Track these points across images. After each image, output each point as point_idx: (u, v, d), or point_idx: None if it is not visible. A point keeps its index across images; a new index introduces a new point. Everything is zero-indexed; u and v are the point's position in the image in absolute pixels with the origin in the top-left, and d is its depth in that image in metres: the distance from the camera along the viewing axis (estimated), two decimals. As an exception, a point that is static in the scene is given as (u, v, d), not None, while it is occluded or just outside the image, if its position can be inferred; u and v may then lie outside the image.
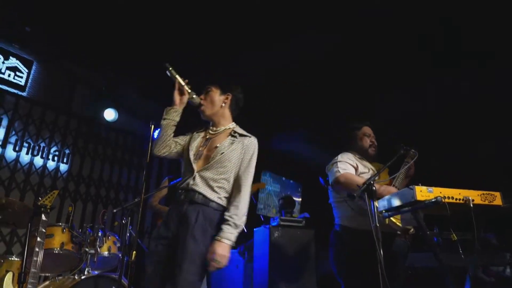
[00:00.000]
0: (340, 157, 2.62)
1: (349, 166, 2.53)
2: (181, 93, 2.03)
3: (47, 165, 4.77)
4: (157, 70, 2.13)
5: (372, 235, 1.78)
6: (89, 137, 5.27)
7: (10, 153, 4.48)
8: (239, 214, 1.82)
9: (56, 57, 4.95)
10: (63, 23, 4.26)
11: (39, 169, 4.69)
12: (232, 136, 2.00)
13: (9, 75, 4.56)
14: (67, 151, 5.00)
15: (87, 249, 3.04)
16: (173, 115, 2.00)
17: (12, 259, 2.75)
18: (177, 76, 2.02)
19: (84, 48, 4.65)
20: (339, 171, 2.46)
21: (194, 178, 1.86)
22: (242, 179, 1.90)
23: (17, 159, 4.52)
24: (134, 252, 1.90)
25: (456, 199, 1.75)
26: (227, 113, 2.11)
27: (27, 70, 4.73)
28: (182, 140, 2.10)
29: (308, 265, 4.04)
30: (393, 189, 2.33)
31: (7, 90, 4.54)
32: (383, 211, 1.98)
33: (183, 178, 1.93)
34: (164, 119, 2.01)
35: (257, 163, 2.03)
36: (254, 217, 6.66)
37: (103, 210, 4.10)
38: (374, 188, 1.87)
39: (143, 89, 5.21)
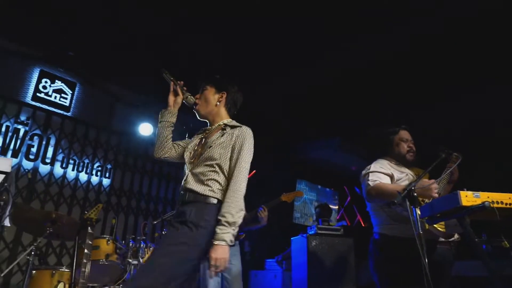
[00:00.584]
0: (372, 166, 2.52)
1: (381, 176, 2.43)
2: (175, 94, 2.04)
3: (91, 180, 5.00)
4: (191, 85, 2.15)
5: (414, 243, 1.70)
6: (129, 152, 5.48)
7: (58, 170, 4.74)
8: (231, 211, 1.66)
9: (96, 78, 5.23)
10: (102, 47, 4.51)
11: (84, 184, 4.92)
12: (222, 129, 1.92)
13: (55, 97, 4.85)
14: (109, 166, 5.22)
15: (130, 260, 3.13)
16: (167, 117, 2.02)
17: (63, 270, 2.88)
18: (172, 78, 2.05)
19: (121, 68, 4.89)
20: (369, 184, 2.37)
21: (186, 177, 1.83)
22: (234, 172, 1.76)
23: (64, 175, 4.77)
24: None
25: (506, 203, 1.65)
26: (222, 111, 2.02)
27: (71, 92, 5.02)
28: (184, 143, 2.07)
29: (348, 274, 3.94)
30: (428, 182, 2.21)
31: (54, 111, 4.83)
32: (425, 218, 1.90)
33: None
34: (160, 121, 2.03)
35: (293, 171, 1.99)
36: (291, 226, 6.61)
37: (144, 222, 4.23)
38: (415, 194, 1.80)
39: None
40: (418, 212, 1.88)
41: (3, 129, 4.36)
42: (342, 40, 4.06)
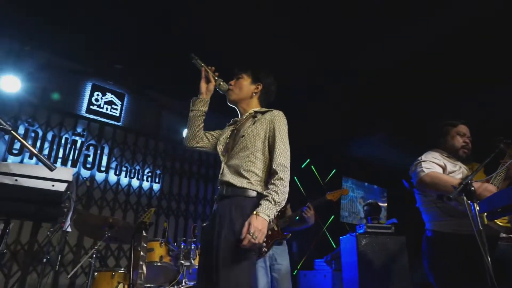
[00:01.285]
0: (424, 156, 2.42)
1: (434, 165, 2.32)
2: (207, 81, 1.95)
3: (143, 185, 5.23)
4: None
5: (471, 239, 1.59)
6: (176, 157, 5.67)
7: (112, 177, 5.01)
8: (278, 190, 1.58)
9: (143, 88, 5.47)
10: (147, 59, 4.72)
11: (136, 190, 5.17)
12: (253, 117, 1.85)
13: (106, 109, 5.14)
14: (158, 172, 5.44)
15: (182, 262, 3.23)
16: (199, 105, 1.94)
17: (121, 271, 3.04)
18: (203, 64, 1.96)
19: (166, 78, 5.08)
20: (423, 171, 2.26)
21: (222, 170, 1.77)
22: (275, 155, 1.67)
23: (118, 182, 5.04)
24: None
25: None
26: (254, 101, 1.95)
27: (120, 103, 5.29)
28: (217, 133, 2.02)
29: (402, 274, 3.78)
30: (492, 188, 2.08)
31: (106, 122, 5.12)
32: (485, 214, 1.77)
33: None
34: (191, 110, 1.95)
35: (338, 169, 1.94)
36: (338, 225, 6.48)
37: (194, 224, 4.35)
38: (473, 188, 1.68)
39: (219, 105, 5.49)
40: (477, 207, 1.76)
41: (63, 141, 4.70)
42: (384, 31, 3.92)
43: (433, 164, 2.33)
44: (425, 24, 3.79)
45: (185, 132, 5.59)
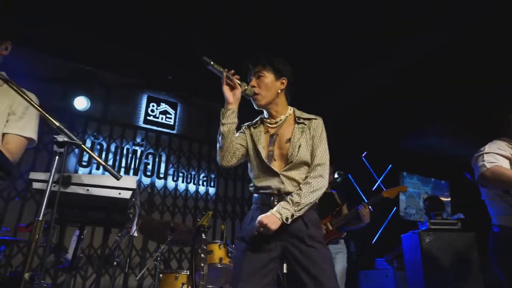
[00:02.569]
0: (487, 147, 2.25)
1: (498, 158, 2.16)
2: (232, 87, 1.72)
3: (199, 190, 5.41)
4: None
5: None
6: (229, 161, 5.78)
7: (170, 183, 5.25)
8: (301, 194, 1.60)
9: (193, 96, 5.67)
10: (195, 69, 4.88)
11: (193, 194, 5.35)
12: (298, 122, 1.76)
13: (162, 118, 5.40)
14: (212, 176, 5.59)
15: (241, 263, 3.28)
16: (232, 117, 1.71)
17: (184, 273, 3.15)
18: (221, 69, 1.71)
19: (213, 85, 5.20)
20: (484, 165, 2.13)
21: (282, 182, 1.67)
22: (317, 168, 1.67)
23: (176, 188, 5.26)
24: (285, 264, 1.93)
25: None
26: (283, 100, 1.81)
27: (174, 111, 5.53)
28: (242, 139, 1.83)
29: (472, 272, 3.52)
30: None
31: (161, 131, 5.38)
32: None
33: (261, 181, 1.74)
34: (224, 124, 1.70)
35: (394, 164, 1.84)
36: (397, 223, 6.20)
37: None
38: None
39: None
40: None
41: (125, 151, 5.01)
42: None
43: (496, 156, 2.17)
44: None
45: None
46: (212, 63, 1.68)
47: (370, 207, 3.40)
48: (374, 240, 6.00)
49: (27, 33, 3.89)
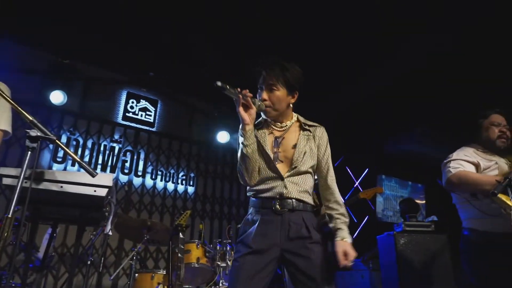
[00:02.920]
0: (455, 154, 2.32)
1: (464, 163, 2.22)
2: (247, 107, 1.68)
3: (178, 188, 5.36)
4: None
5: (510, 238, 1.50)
6: (209, 160, 5.75)
7: (148, 181, 5.17)
8: (345, 212, 1.78)
9: (175, 93, 5.61)
10: (177, 65, 4.84)
11: (171, 193, 5.30)
12: (303, 129, 1.81)
13: (141, 115, 5.31)
14: (192, 175, 5.54)
15: (219, 263, 3.27)
16: (252, 137, 1.68)
17: (160, 273, 3.12)
18: (235, 91, 1.67)
19: (196, 82, 5.18)
20: (450, 171, 2.19)
21: (286, 186, 1.70)
22: (330, 173, 1.81)
23: (154, 186, 5.19)
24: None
25: None
26: (290, 110, 1.84)
27: (154, 109, 5.45)
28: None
29: (445, 273, 3.63)
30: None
31: (141, 128, 5.29)
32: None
33: (263, 184, 1.73)
34: (246, 146, 1.66)
35: (373, 167, 1.88)
36: (374, 224, 6.32)
37: (228, 226, 4.39)
38: (519, 183, 1.59)
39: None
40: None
41: (102, 148, 4.90)
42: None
43: (462, 162, 2.23)
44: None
45: (218, 135, 5.65)
46: (228, 87, 1.63)
47: (347, 207, 3.44)
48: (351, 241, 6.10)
49: (3, 23, 3.75)
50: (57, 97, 4.46)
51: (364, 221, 6.38)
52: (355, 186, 6.47)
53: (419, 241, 3.79)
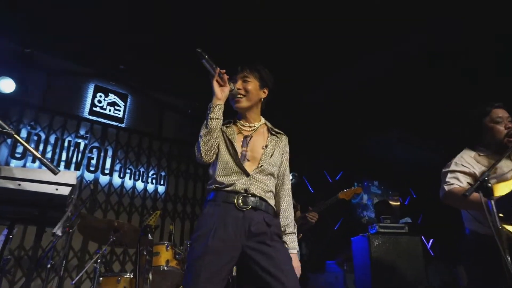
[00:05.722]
0: (453, 163, 2.19)
1: (460, 176, 2.12)
2: (221, 83, 1.75)
3: (147, 188, 5.26)
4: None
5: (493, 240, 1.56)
6: (181, 159, 5.68)
7: (116, 180, 5.04)
8: (293, 220, 1.85)
9: (146, 88, 5.50)
10: (149, 58, 4.75)
11: (141, 192, 5.19)
12: (272, 134, 1.90)
13: (109, 110, 5.18)
14: (163, 174, 5.46)
15: (189, 266, 3.23)
16: (220, 113, 1.74)
17: (127, 276, 3.05)
18: (213, 64, 1.73)
19: (168, 77, 5.10)
20: (444, 188, 2.12)
21: (251, 183, 1.72)
22: (285, 180, 1.89)
23: (122, 185, 5.07)
24: (235, 267, 1.91)
25: None
26: (259, 108, 1.93)
27: (123, 103, 5.33)
28: (219, 136, 1.84)
29: (418, 276, 3.75)
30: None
31: (109, 124, 5.16)
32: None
33: (227, 178, 1.74)
34: (213, 119, 1.72)
35: (351, 169, 1.91)
36: (349, 226, 6.45)
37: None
38: (489, 184, 1.64)
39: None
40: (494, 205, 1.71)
41: (66, 144, 4.74)
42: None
43: (458, 174, 2.13)
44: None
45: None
46: (206, 57, 1.69)
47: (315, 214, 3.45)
48: (325, 242, 6.19)
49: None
50: (7, 85, 4.23)
51: (339, 223, 6.50)
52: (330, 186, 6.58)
53: (393, 242, 3.90)
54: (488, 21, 3.74)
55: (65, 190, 1.66)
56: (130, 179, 5.14)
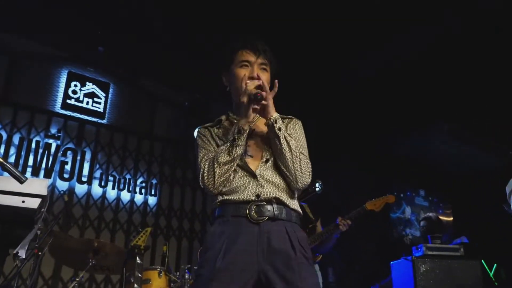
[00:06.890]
0: None
1: None
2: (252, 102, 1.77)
3: (135, 199, 5.30)
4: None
5: None
6: (176, 162, 5.70)
7: (96, 189, 5.09)
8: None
9: (133, 76, 5.53)
10: (137, 39, 4.77)
11: (127, 205, 5.23)
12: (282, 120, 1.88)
13: (87, 103, 5.23)
14: (154, 181, 5.49)
15: (188, 296, 3.24)
16: (244, 141, 1.75)
17: (110, 310, 3.08)
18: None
19: (161, 62, 5.12)
20: None
21: (261, 185, 1.71)
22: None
23: (103, 196, 5.11)
24: None
25: None
26: None
27: (104, 95, 5.38)
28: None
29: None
30: None
31: (87, 120, 5.21)
32: None
33: (233, 184, 1.75)
34: (240, 146, 1.72)
35: (388, 175, 1.89)
36: (387, 246, 6.39)
37: (201, 247, 4.36)
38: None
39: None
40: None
41: (33, 145, 4.80)
42: None
43: None
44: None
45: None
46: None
47: (349, 221, 3.44)
48: (358, 267, 6.15)
49: None
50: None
51: (374, 243, 6.45)
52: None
53: (445, 268, 3.85)
54: None
55: (34, 203, 1.67)
56: (113, 188, 5.19)
